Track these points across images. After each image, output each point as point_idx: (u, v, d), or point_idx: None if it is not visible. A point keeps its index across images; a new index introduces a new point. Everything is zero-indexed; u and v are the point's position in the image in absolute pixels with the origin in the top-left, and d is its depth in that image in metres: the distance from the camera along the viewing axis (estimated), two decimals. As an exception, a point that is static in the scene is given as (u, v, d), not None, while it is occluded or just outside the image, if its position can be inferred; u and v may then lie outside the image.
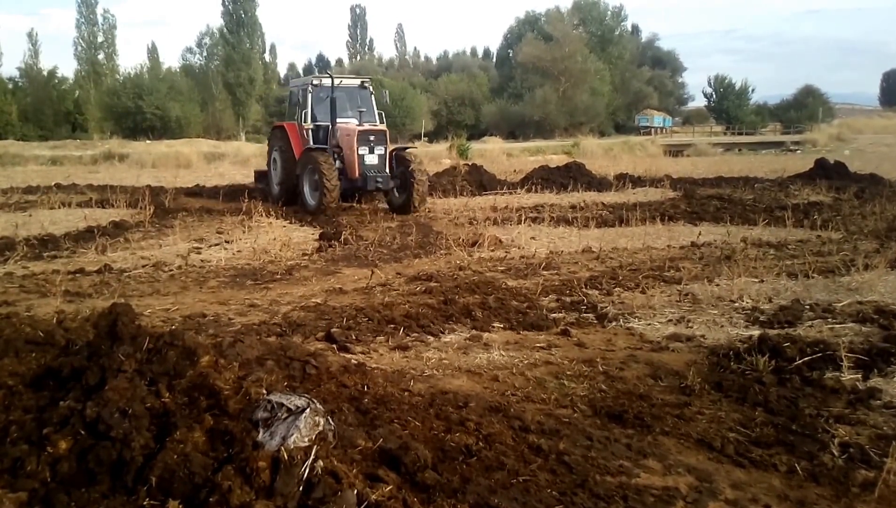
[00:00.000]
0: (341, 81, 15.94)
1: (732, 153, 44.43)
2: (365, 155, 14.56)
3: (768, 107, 76.45)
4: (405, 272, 8.88)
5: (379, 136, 14.94)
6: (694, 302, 7.25)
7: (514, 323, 6.54)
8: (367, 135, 14.71)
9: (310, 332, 6.13)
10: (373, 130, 14.92)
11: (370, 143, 14.66)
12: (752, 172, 24.05)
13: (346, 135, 14.79)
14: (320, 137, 15.46)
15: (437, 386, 4.85)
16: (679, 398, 4.64)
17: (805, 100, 71.79)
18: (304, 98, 15.67)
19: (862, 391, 4.68)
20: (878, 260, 8.74)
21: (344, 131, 14.90)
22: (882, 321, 6.30)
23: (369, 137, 14.72)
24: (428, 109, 64.81)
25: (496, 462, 3.60)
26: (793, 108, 71.20)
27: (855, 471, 3.62)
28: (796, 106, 71.39)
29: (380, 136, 14.96)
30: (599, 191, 19.16)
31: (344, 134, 14.86)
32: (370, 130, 14.84)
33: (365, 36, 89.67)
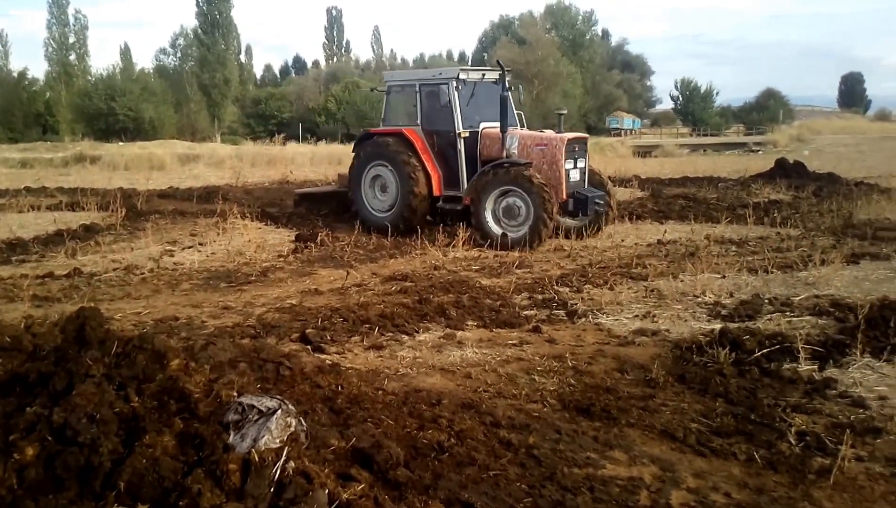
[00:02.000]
0: (484, 76, 12.61)
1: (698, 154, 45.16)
2: (570, 170, 11.40)
3: (732, 109, 78.60)
4: (381, 273, 8.95)
5: (582, 145, 11.90)
6: (659, 298, 7.41)
7: (488, 321, 6.65)
8: (574, 144, 11.55)
9: (284, 333, 6.18)
10: (578, 137, 12.02)
11: (574, 154, 11.51)
12: (717, 171, 24.47)
13: (540, 144, 11.38)
14: (465, 146, 11.90)
15: (411, 385, 4.93)
16: (644, 391, 4.77)
17: (766, 102, 74.15)
18: (443, 96, 12.10)
19: (818, 382, 4.84)
20: (835, 256, 8.97)
21: (533, 140, 11.53)
22: (838, 314, 6.49)
23: (575, 146, 11.58)
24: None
25: (468, 457, 3.70)
26: (755, 110, 73.62)
27: (811, 459, 3.75)
28: (758, 108, 73.79)
29: (583, 145, 11.95)
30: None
31: (535, 143, 11.44)
32: (577, 137, 11.88)
33: (341, 38, 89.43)
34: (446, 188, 12.02)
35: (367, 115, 61.53)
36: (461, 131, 11.77)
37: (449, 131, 11.93)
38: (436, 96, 12.33)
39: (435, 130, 12.17)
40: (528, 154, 11.33)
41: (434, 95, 12.33)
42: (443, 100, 12.15)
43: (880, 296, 7.00)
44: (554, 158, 11.20)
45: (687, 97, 77.46)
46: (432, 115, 12.29)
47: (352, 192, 12.90)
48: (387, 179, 12.36)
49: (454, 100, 11.77)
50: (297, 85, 73.15)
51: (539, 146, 11.40)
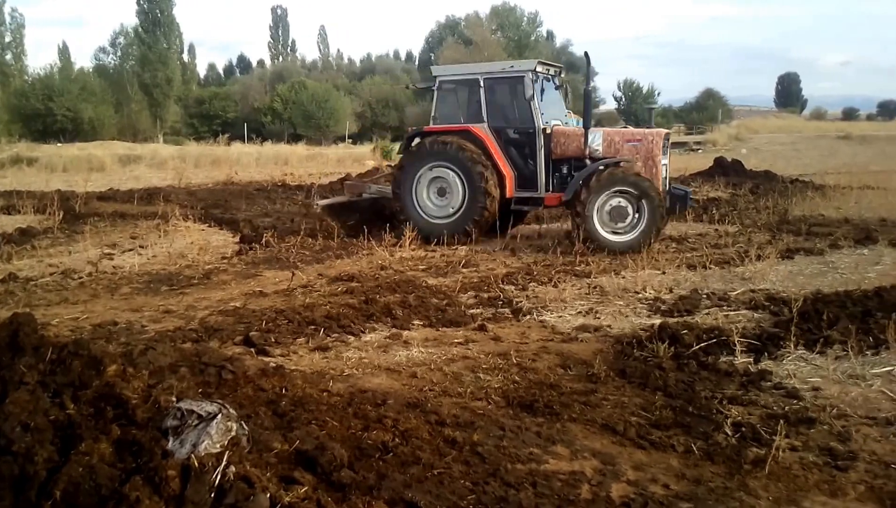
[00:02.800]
0: (549, 70, 12.05)
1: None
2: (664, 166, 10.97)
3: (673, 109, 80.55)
4: (327, 273, 8.89)
5: (667, 140, 11.31)
6: (602, 294, 7.54)
7: (434, 320, 6.67)
8: (667, 140, 11.17)
9: (227, 337, 6.10)
10: (667, 132, 11.53)
11: (664, 149, 10.98)
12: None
13: (632, 140, 10.90)
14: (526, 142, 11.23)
15: (357, 385, 4.91)
16: (586, 386, 4.84)
17: (706, 102, 76.45)
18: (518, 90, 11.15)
19: (753, 374, 4.99)
20: (770, 251, 9.29)
21: (622, 136, 11.06)
22: (773, 308, 6.70)
23: (665, 141, 11.07)
24: (352, 111, 64.58)
25: (412, 456, 3.70)
26: (695, 110, 75.61)
27: (747, 449, 3.85)
28: (698, 108, 75.97)
29: (668, 140, 11.34)
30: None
31: (625, 139, 10.95)
32: (666, 132, 11.42)
33: (287, 37, 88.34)
34: (519, 189, 11.20)
35: (314, 114, 61.10)
36: (544, 127, 11.02)
37: (527, 128, 11.11)
38: (505, 91, 11.51)
39: (504, 126, 11.31)
40: (618, 151, 10.82)
41: (503, 89, 11.50)
42: (515, 94, 11.31)
43: (814, 290, 7.28)
44: (651, 154, 10.69)
45: (630, 98, 79.17)
46: (500, 111, 11.46)
47: (400, 197, 11.59)
48: (449, 181, 11.22)
49: (533, 95, 10.94)
50: (242, 84, 72.12)
51: (631, 142, 10.88)
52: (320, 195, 13.90)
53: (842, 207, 13.70)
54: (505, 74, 11.38)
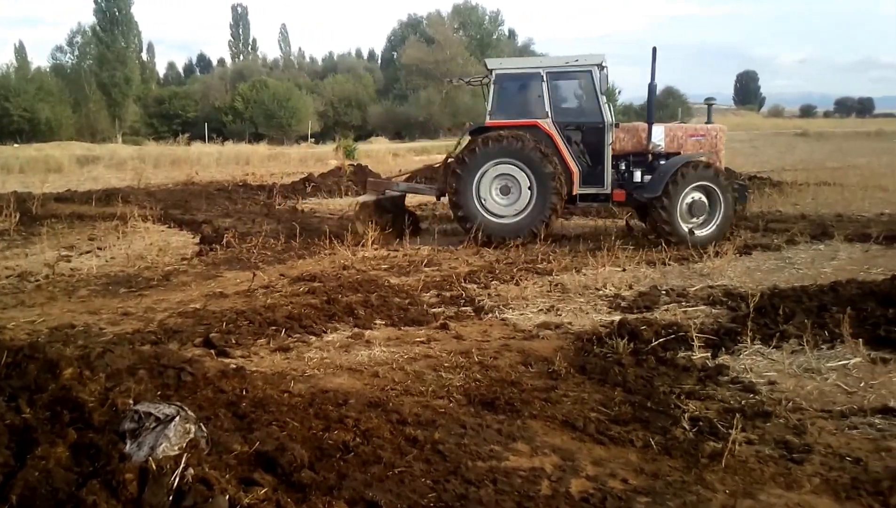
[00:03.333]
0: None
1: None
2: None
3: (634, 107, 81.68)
4: (289, 274, 8.83)
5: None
6: (563, 292, 7.61)
7: (396, 319, 6.67)
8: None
9: (187, 338, 6.03)
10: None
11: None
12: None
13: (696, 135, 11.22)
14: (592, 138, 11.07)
15: (318, 386, 4.89)
16: (547, 383, 4.88)
17: (666, 100, 77.69)
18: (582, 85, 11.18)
19: (711, 369, 5.08)
20: (728, 247, 9.47)
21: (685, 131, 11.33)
22: (730, 304, 6.83)
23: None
24: (314, 110, 64.16)
25: (373, 456, 3.70)
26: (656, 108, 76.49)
27: (704, 443, 3.91)
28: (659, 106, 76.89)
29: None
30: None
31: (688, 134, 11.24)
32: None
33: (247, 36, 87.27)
34: (583, 186, 10.95)
35: (276, 114, 60.54)
36: (612, 122, 10.91)
37: (594, 123, 10.91)
38: (569, 85, 11.39)
39: (569, 121, 11.05)
40: (681, 146, 10.99)
41: (567, 83, 11.35)
42: (580, 89, 11.25)
43: (770, 285, 7.45)
44: (715, 149, 10.99)
45: None
46: (563, 105, 11.23)
47: (460, 196, 10.98)
48: (516, 179, 10.77)
49: (600, 89, 10.84)
50: (203, 84, 71.15)
51: (695, 137, 11.07)
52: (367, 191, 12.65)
53: (799, 203, 14.01)
54: (570, 69, 11.08)
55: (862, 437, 3.99)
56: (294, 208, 16.02)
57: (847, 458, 3.75)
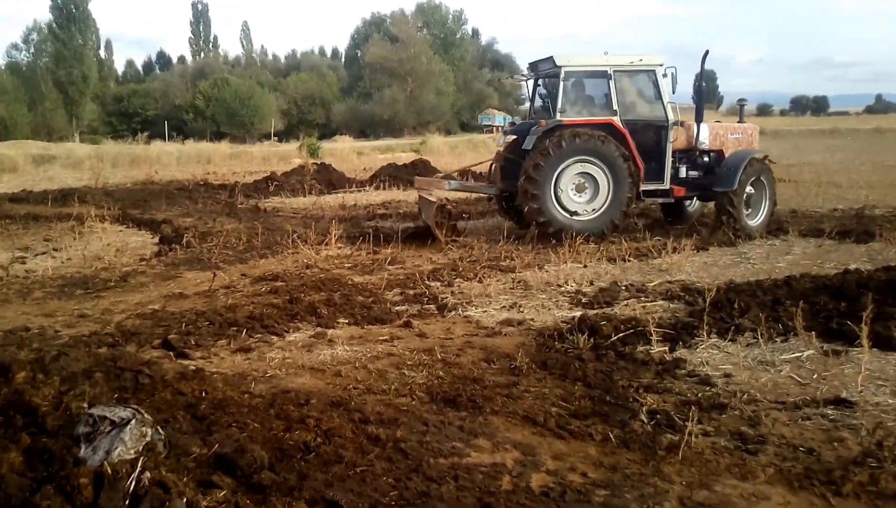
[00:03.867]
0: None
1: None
2: None
3: None
4: (250, 273, 8.75)
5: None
6: (526, 288, 7.66)
7: (359, 318, 6.65)
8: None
9: (145, 340, 5.94)
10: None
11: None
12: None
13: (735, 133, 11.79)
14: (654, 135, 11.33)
15: (280, 386, 4.86)
16: (509, 379, 4.91)
17: None
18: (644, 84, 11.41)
19: (668, 362, 5.16)
20: (686, 243, 9.63)
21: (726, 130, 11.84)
22: (687, 298, 6.96)
23: None
24: (277, 108, 63.64)
25: (335, 455, 3.69)
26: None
27: (661, 436, 3.96)
28: None
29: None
30: (445, 186, 19.58)
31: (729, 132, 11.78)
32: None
33: (208, 33, 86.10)
34: (645, 182, 11.06)
35: (238, 112, 59.88)
36: (675, 120, 11.20)
37: (658, 120, 11.15)
38: (633, 83, 11.48)
39: (633, 119, 11.13)
40: (723, 143, 11.49)
41: (632, 82, 11.43)
42: (642, 87, 11.45)
43: (726, 280, 7.57)
44: (751, 146, 11.69)
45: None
46: (629, 103, 11.34)
47: (538, 195, 10.69)
48: (594, 177, 10.74)
49: (663, 87, 11.05)
50: (163, 81, 70.08)
51: (734, 135, 11.65)
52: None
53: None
54: (635, 68, 11.20)
55: (815, 428, 4.08)
56: (256, 207, 15.89)
57: (800, 448, 3.82)
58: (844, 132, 54.80)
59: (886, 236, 9.56)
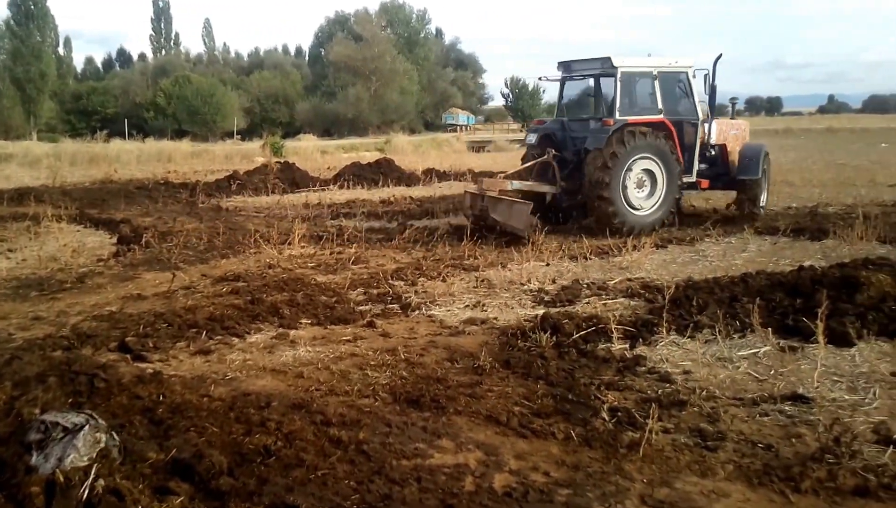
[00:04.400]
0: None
1: (528, 149, 47.37)
2: None
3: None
4: (211, 274, 8.63)
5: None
6: (489, 287, 7.68)
7: (322, 318, 6.60)
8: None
9: (101, 343, 5.83)
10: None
11: None
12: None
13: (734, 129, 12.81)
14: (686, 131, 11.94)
15: (240, 389, 4.80)
16: (472, 378, 4.91)
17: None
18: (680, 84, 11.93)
19: (629, 360, 5.20)
20: (646, 241, 9.76)
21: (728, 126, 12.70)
22: (647, 296, 7.02)
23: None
24: (240, 106, 62.94)
25: (295, 459, 3.65)
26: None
27: (622, 434, 3.99)
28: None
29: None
30: (409, 186, 19.75)
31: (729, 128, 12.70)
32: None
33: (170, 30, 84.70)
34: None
35: (200, 110, 59.06)
36: (703, 118, 11.94)
37: (691, 118, 11.84)
38: (671, 84, 11.87)
39: (671, 118, 11.54)
40: (726, 138, 12.43)
41: (670, 82, 11.82)
42: (678, 87, 11.92)
43: (685, 277, 7.66)
44: (745, 140, 12.84)
45: (517, 95, 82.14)
46: (669, 103, 11.69)
47: (610, 194, 10.81)
48: (653, 173, 11.18)
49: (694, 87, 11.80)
50: (123, 79, 68.92)
51: (733, 131, 12.68)
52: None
53: (711, 198, 14.51)
54: (673, 69, 11.72)
55: (773, 424, 4.14)
56: (218, 207, 15.70)
57: (759, 445, 3.88)
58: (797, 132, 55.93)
59: (840, 234, 9.72)
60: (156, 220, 13.29)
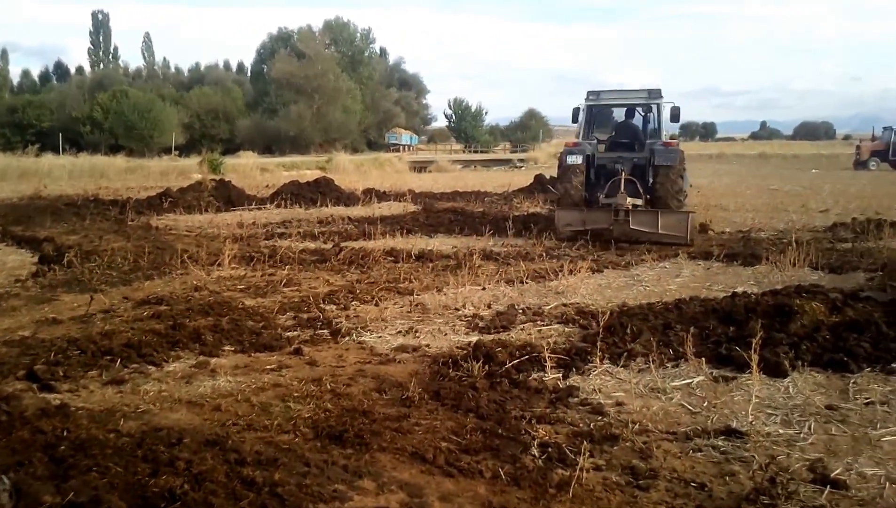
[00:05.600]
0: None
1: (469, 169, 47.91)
2: None
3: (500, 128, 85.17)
4: (133, 296, 8.24)
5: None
6: (423, 312, 7.49)
7: (247, 345, 6.31)
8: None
9: (9, 371, 5.44)
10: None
11: None
12: (484, 186, 25.99)
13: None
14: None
15: (151, 423, 4.50)
16: (400, 411, 4.70)
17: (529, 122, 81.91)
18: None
19: (562, 390, 5.06)
20: (581, 265, 9.69)
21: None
22: (582, 322, 6.92)
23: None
24: (179, 121, 61.61)
25: (203, 504, 3.39)
26: (519, 129, 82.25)
27: (552, 471, 3.82)
28: (522, 127, 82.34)
29: None
30: (347, 206, 19.47)
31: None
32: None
33: (108, 44, 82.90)
34: None
35: (137, 125, 57.58)
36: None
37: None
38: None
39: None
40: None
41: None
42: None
43: (620, 303, 7.61)
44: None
45: (459, 116, 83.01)
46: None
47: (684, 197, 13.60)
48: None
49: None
50: (60, 92, 66.71)
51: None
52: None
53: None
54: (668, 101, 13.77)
55: (706, 460, 4.02)
56: (148, 225, 15.17)
57: (692, 484, 3.74)
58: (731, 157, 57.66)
59: (772, 259, 9.86)
60: (81, 238, 12.76)
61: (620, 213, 11.99)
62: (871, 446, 4.17)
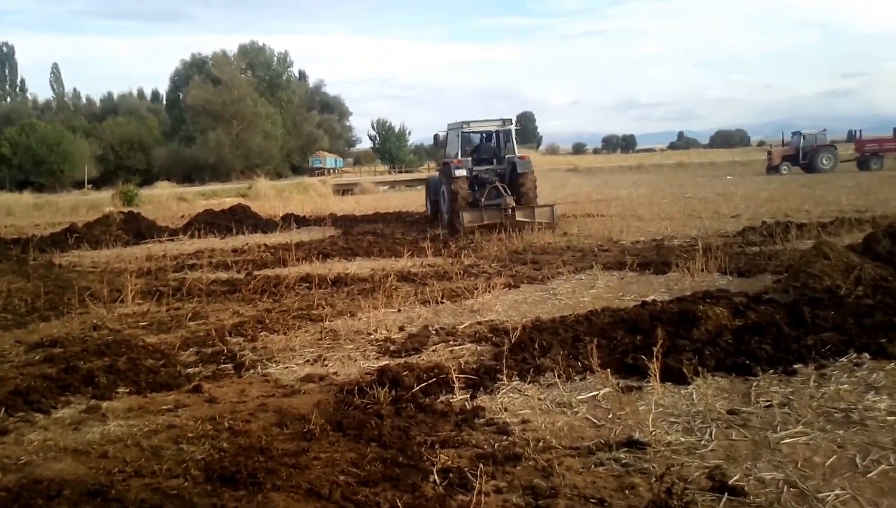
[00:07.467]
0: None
1: (395, 190, 47.76)
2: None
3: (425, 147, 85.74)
4: (27, 339, 7.76)
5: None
6: (334, 339, 7.28)
7: (143, 385, 5.99)
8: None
9: None
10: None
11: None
12: (406, 207, 25.91)
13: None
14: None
15: (32, 475, 4.18)
16: (299, 445, 4.49)
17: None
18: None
19: (468, 412, 4.93)
20: (497, 282, 9.64)
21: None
22: (494, 339, 6.81)
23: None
24: (91, 154, 59.61)
25: (78, 559, 3.13)
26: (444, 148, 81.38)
27: (452, 498, 3.68)
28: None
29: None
30: (265, 232, 19.12)
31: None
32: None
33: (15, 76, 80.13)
34: None
35: (46, 159, 55.44)
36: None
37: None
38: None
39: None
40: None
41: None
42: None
43: (533, 317, 7.56)
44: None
45: (384, 137, 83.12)
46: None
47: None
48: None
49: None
50: (-35, 128, 63.68)
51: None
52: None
53: (568, 233, 14.76)
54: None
55: (607, 474, 3.95)
56: (51, 263, 14.44)
57: (591, 500, 3.66)
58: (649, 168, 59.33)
59: (682, 266, 9.99)
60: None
61: (509, 210, 16.43)
62: (770, 449, 4.19)
